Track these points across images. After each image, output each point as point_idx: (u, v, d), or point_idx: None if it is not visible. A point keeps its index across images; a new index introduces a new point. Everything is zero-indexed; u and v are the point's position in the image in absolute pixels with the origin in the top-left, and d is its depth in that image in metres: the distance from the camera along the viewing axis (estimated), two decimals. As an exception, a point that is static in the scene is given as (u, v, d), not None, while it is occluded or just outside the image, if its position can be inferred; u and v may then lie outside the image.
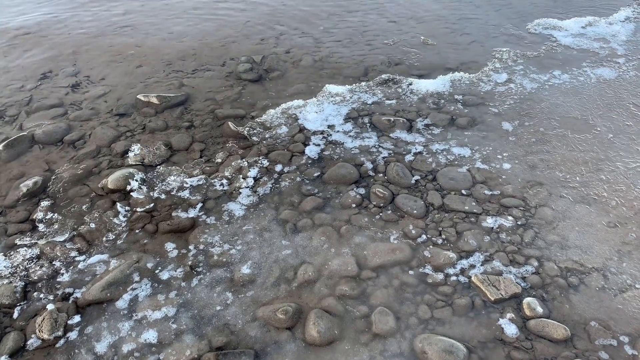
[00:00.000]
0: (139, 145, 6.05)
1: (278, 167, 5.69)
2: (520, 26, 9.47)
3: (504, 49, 8.45)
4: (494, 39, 8.96)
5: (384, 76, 7.55)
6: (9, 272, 4.45)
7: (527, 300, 4.13)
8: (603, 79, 7.49)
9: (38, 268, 4.50)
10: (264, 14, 10.25)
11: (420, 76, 7.67)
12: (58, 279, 4.40)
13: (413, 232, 4.83)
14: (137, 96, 7.02)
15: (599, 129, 6.29)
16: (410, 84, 7.34)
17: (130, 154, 5.90)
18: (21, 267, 4.50)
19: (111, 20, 10.07)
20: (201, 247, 4.70)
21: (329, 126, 6.39)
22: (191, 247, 4.70)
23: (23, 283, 4.36)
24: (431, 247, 4.67)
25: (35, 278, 4.41)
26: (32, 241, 4.78)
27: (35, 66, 8.15)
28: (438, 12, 10.30)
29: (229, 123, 6.37)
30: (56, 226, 4.95)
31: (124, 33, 9.44)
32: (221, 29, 9.51)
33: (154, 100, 6.88)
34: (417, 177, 5.53)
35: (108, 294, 4.21)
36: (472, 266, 4.48)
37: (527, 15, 9.97)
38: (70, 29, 9.62)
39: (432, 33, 9.20)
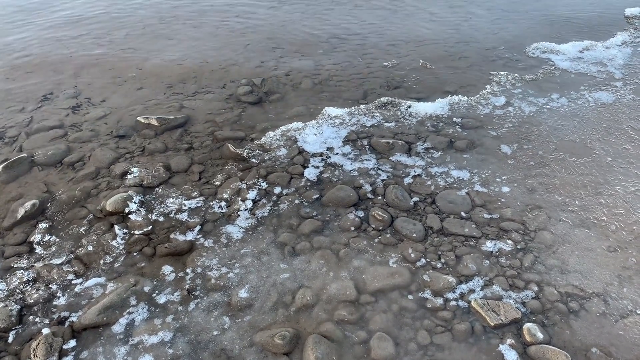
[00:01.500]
0: (138, 167, 6.05)
1: (277, 190, 5.69)
2: (518, 50, 9.56)
3: (502, 73, 8.51)
4: (492, 63, 9.03)
5: (382, 99, 7.59)
6: (5, 295, 4.41)
7: (528, 325, 4.09)
8: (601, 103, 7.53)
9: (34, 291, 4.46)
10: (264, 37, 10.35)
11: (419, 99, 7.71)
12: (54, 303, 4.37)
13: (412, 255, 4.81)
14: (137, 118, 7.05)
15: (597, 152, 6.31)
16: (409, 107, 7.38)
17: (129, 176, 5.90)
18: (17, 290, 4.47)
19: (112, 42, 10.17)
20: (199, 270, 4.67)
21: (328, 148, 6.41)
22: (189, 270, 4.67)
23: (19, 306, 4.32)
24: (430, 271, 4.64)
25: (31, 301, 4.37)
26: (29, 264, 4.75)
27: (36, 88, 8.19)
28: (436, 35, 10.40)
29: (229, 145, 6.38)
30: (53, 249, 4.93)
31: (125, 55, 9.52)
32: (221, 52, 9.60)
33: (154, 122, 6.91)
34: (416, 200, 5.52)
35: (104, 318, 4.17)
36: (472, 291, 4.44)
37: (525, 39, 10.06)
38: (72, 52, 9.70)
39: (430, 56, 9.28)
